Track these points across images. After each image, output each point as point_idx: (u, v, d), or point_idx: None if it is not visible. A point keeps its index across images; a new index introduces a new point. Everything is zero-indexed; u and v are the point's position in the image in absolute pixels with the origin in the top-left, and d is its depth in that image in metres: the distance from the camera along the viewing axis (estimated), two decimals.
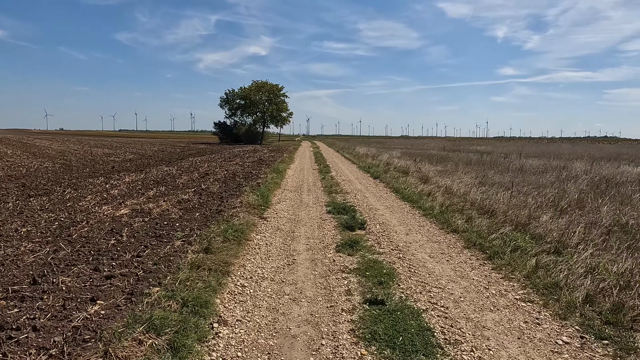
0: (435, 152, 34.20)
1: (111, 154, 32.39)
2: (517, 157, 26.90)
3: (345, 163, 25.44)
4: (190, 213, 8.60)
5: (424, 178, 14.20)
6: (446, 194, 11.20)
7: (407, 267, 5.98)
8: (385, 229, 8.26)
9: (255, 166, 19.79)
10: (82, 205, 9.41)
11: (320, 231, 8.06)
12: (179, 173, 16.68)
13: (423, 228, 8.43)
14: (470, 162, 22.88)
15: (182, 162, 23.56)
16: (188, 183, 13.30)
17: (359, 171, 19.96)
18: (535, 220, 7.78)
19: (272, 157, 26.17)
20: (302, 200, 11.60)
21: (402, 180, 14.62)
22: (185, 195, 10.55)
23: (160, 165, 21.16)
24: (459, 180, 13.80)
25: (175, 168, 19.27)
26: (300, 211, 9.99)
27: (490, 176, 15.10)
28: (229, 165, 19.94)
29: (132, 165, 22.15)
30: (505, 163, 22.09)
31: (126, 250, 5.83)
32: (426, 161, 21.60)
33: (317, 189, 13.80)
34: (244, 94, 64.62)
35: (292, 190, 13.40)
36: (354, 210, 9.91)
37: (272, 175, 15.76)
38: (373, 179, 16.54)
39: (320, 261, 6.25)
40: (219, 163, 21.70)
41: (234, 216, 8.34)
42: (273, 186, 13.37)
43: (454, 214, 9.12)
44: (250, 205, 9.74)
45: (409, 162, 20.63)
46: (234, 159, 24.95)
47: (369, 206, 10.72)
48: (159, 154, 33.49)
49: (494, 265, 6.05)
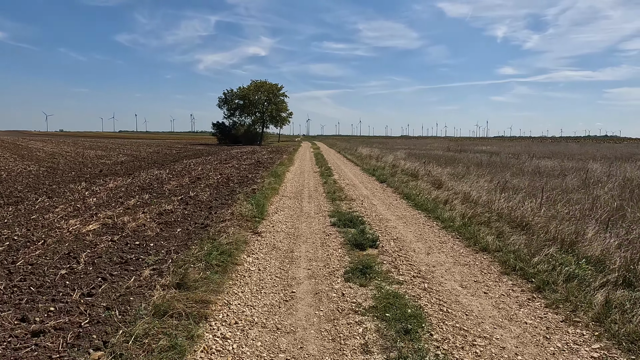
0: (440, 153, 32.91)
1: (104, 156, 31.11)
2: (529, 158, 25.60)
3: (347, 165, 24.15)
4: (170, 228, 7.30)
5: (436, 182, 12.90)
6: (466, 202, 9.91)
7: (437, 304, 4.69)
8: (402, 247, 6.96)
9: (252, 169, 18.50)
10: (48, 218, 8.12)
11: (325, 250, 6.77)
12: (169, 177, 15.40)
13: (445, 245, 7.13)
14: (481, 163, 21.59)
15: (176, 164, 22.28)
16: (176, 189, 12.01)
17: (363, 174, 18.67)
18: (580, 236, 6.49)
19: (271, 159, 24.87)
20: (303, 209, 10.31)
21: (412, 185, 13.32)
22: (169, 205, 9.25)
23: (152, 169, 19.88)
24: (476, 184, 12.52)
25: (166, 171, 17.99)
26: (300, 223, 8.69)
27: (507, 179, 13.81)
28: (224, 168, 18.65)
29: (122, 168, 20.87)
30: (517, 164, 20.80)
31: (77, 284, 4.55)
32: (434, 163, 20.30)
33: (319, 195, 12.50)
34: (242, 93, 63.17)
35: (291, 197, 12.11)
36: (362, 222, 8.62)
37: (269, 180, 14.47)
38: (379, 183, 15.24)
39: (325, 295, 4.95)
40: (213, 166, 20.41)
41: (222, 232, 7.04)
42: (270, 192, 12.07)
43: (479, 227, 7.82)
44: (243, 217, 8.44)
45: (417, 164, 19.33)
46: (230, 161, 23.66)
47: (379, 216, 9.43)
48: (154, 155, 32.21)
49: (547, 301, 4.75)
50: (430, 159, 24.20)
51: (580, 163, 21.75)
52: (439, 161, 22.19)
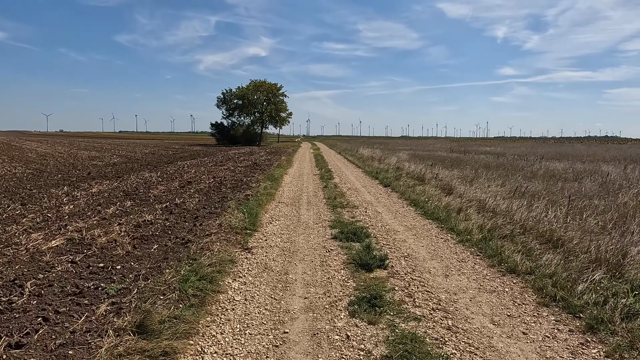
0: (444, 154, 31.92)
1: (97, 157, 30.14)
2: (537, 160, 24.62)
3: (348, 167, 23.16)
4: (146, 245, 6.31)
5: (446, 187, 11.91)
6: (482, 211, 8.91)
7: (468, 352, 3.70)
8: (415, 267, 5.97)
9: (248, 172, 17.51)
10: (9, 231, 7.12)
11: (325, 272, 5.77)
12: (158, 181, 14.41)
13: (465, 264, 6.13)
14: (489, 165, 20.60)
15: (169, 166, 21.31)
16: (162, 195, 11.02)
17: (366, 177, 17.67)
18: (625, 255, 5.50)
19: (269, 161, 23.88)
20: (300, 217, 9.33)
21: (419, 190, 12.33)
22: (150, 215, 8.25)
23: (143, 171, 18.90)
24: (488, 189, 11.53)
25: (157, 174, 17.00)
26: (297, 236, 7.70)
27: (521, 184, 12.83)
28: (219, 171, 17.66)
29: (112, 170, 19.89)
30: (527, 167, 19.82)
31: (6, 328, 3.55)
32: (440, 165, 19.30)
33: (319, 201, 11.51)
34: (241, 93, 62.06)
35: (288, 203, 11.12)
36: (367, 234, 7.63)
37: (265, 184, 13.47)
38: (383, 188, 14.25)
39: (325, 337, 3.96)
40: (208, 168, 19.42)
41: (206, 250, 6.05)
42: (265, 199, 11.08)
43: (502, 242, 6.82)
44: (232, 230, 7.45)
45: (421, 167, 18.35)
46: (226, 162, 22.67)
47: (386, 227, 8.44)
48: (148, 157, 31.24)
49: (606, 347, 3.76)
50: (435, 160, 23.23)
51: (591, 165, 20.76)
52: (444, 163, 21.20)
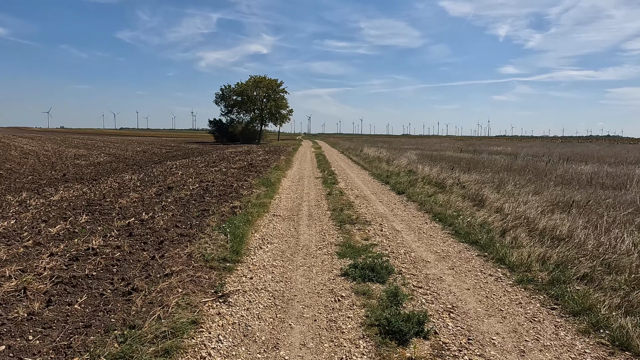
0: (454, 154, 29.87)
1: (83, 155, 28.20)
2: (559, 162, 22.55)
3: (353, 169, 21.12)
4: (69, 295, 4.29)
5: (475, 197, 9.88)
6: (534, 233, 6.89)
7: None
8: (469, 333, 3.96)
9: (242, 174, 15.49)
10: None
11: (335, 345, 3.77)
12: (136, 186, 12.40)
13: (541, 327, 4.11)
14: (509, 168, 18.58)
15: (156, 167, 19.32)
16: (131, 207, 9.01)
17: (375, 182, 15.63)
18: None
19: (266, 161, 21.84)
20: (300, 238, 7.33)
21: (442, 200, 10.30)
22: (99, 239, 6.22)
23: (126, 172, 16.92)
24: (519, 197, 9.51)
25: (139, 176, 15.02)
26: (294, 269, 5.70)
27: (556, 191, 10.81)
28: (209, 173, 15.66)
29: (92, 171, 17.91)
30: (551, 169, 17.79)
31: None
32: (456, 168, 17.27)
33: (322, 213, 9.50)
34: (240, 89, 59.80)
35: (285, 216, 9.12)
36: (389, 269, 5.62)
37: (259, 191, 11.46)
38: (397, 195, 12.22)
39: None
40: (197, 169, 17.41)
41: (157, 304, 4.05)
42: (257, 211, 9.07)
43: (587, 289, 4.80)
44: (206, 263, 5.45)
45: (436, 169, 16.34)
46: (219, 163, 20.66)
47: (411, 254, 6.43)
48: (139, 156, 29.27)
49: None
50: (447, 162, 21.20)
51: (619, 168, 18.73)
52: (460, 165, 19.17)
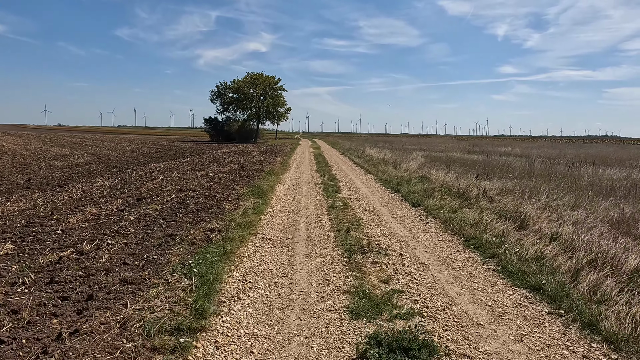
0: (462, 156, 27.94)
1: (65, 155, 26.18)
2: (581, 165, 20.62)
3: (357, 173, 19.14)
4: None
5: (515, 216, 7.93)
6: (616, 273, 4.95)
7: None
8: None
9: (231, 180, 13.52)
10: None
11: None
12: (102, 196, 10.41)
13: None
14: (530, 173, 16.66)
15: (138, 170, 17.31)
16: (78, 229, 7.01)
17: (383, 189, 13.67)
18: None
19: (260, 164, 19.84)
20: (295, 280, 5.37)
21: (470, 217, 8.34)
22: None
23: (101, 177, 14.92)
24: (571, 214, 7.59)
25: (112, 182, 13.04)
26: (284, 347, 3.74)
27: (607, 206, 8.91)
28: (193, 178, 13.68)
29: (65, 175, 15.91)
30: (581, 175, 15.88)
31: None
32: (473, 173, 15.34)
33: (324, 236, 7.54)
34: (236, 86, 57.64)
35: (276, 240, 7.15)
36: (430, 349, 3.67)
37: (247, 204, 9.48)
38: (412, 208, 10.26)
39: None
40: (182, 173, 15.42)
41: None
42: (241, 235, 7.10)
43: None
44: (147, 341, 3.48)
45: (452, 175, 14.41)
46: (208, 165, 18.66)
47: (453, 312, 4.48)
48: (125, 155, 27.27)
49: None
50: (460, 165, 19.26)
51: None
52: (473, 169, 17.23)
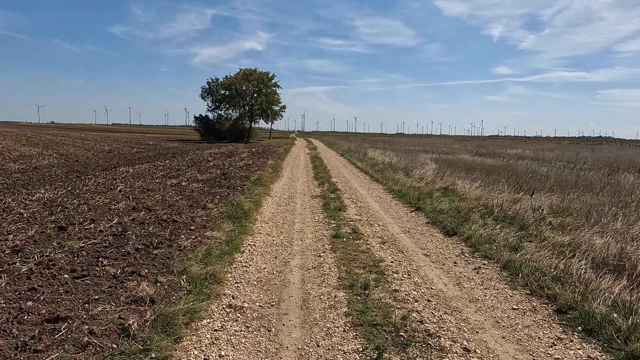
0: (475, 159, 25.24)
1: (28, 156, 23.21)
2: (619, 172, 17.97)
3: (361, 181, 16.32)
4: None
5: (620, 265, 5.18)
6: None
7: None
8: None
9: (206, 193, 10.68)
10: None
11: None
12: (16, 219, 7.54)
13: None
14: (563, 183, 13.94)
15: (101, 175, 14.39)
16: None
17: (398, 205, 10.86)
18: None
19: (248, 168, 16.95)
20: None
21: (546, 263, 5.58)
22: None
23: (46, 186, 12.03)
24: None
25: (54, 194, 10.17)
26: None
27: None
28: (159, 190, 10.83)
29: (11, 181, 13.00)
30: (626, 185, 13.23)
31: None
32: (503, 181, 12.62)
33: (329, 301, 4.73)
34: (228, 82, 54.64)
35: (251, 312, 4.33)
36: None
37: (217, 236, 6.61)
38: (447, 238, 7.47)
39: None
40: (149, 182, 12.54)
41: None
42: (192, 304, 4.27)
43: None
44: None
45: (478, 185, 11.69)
46: (185, 171, 15.77)
47: None
48: (99, 156, 24.34)
49: None
50: (481, 172, 16.52)
51: None
52: (495, 175, 14.52)
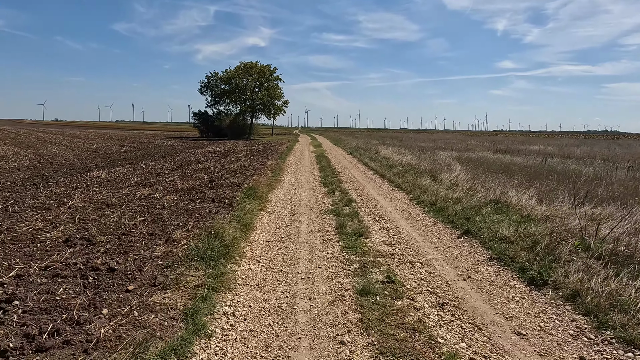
0: (499, 158, 22.47)
1: (6, 156, 20.75)
2: None
3: (380, 187, 13.61)
4: None
5: None
6: None
7: None
8: None
9: (181, 211, 8.07)
10: None
11: None
12: None
13: None
14: (631, 187, 11.24)
15: (62, 183, 11.82)
16: None
17: (437, 225, 8.18)
18: None
19: (243, 172, 14.27)
20: None
21: None
22: None
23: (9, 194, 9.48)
24: None
25: None
26: None
27: None
28: (121, 205, 8.24)
29: None
30: None
31: None
32: (563, 190, 9.94)
33: None
34: (228, 76, 51.79)
35: None
36: None
37: (175, 298, 4.01)
38: (535, 292, 4.84)
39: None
40: (115, 193, 9.94)
41: None
42: None
43: None
44: None
45: (537, 198, 9.02)
46: (166, 177, 13.14)
47: None
48: (81, 156, 21.89)
49: None
50: (523, 174, 13.81)
51: None
52: (537, 179, 11.84)
